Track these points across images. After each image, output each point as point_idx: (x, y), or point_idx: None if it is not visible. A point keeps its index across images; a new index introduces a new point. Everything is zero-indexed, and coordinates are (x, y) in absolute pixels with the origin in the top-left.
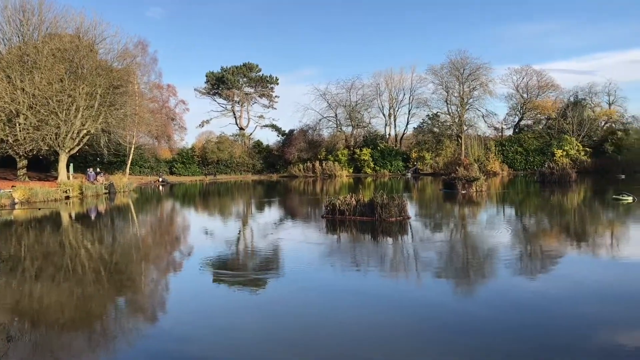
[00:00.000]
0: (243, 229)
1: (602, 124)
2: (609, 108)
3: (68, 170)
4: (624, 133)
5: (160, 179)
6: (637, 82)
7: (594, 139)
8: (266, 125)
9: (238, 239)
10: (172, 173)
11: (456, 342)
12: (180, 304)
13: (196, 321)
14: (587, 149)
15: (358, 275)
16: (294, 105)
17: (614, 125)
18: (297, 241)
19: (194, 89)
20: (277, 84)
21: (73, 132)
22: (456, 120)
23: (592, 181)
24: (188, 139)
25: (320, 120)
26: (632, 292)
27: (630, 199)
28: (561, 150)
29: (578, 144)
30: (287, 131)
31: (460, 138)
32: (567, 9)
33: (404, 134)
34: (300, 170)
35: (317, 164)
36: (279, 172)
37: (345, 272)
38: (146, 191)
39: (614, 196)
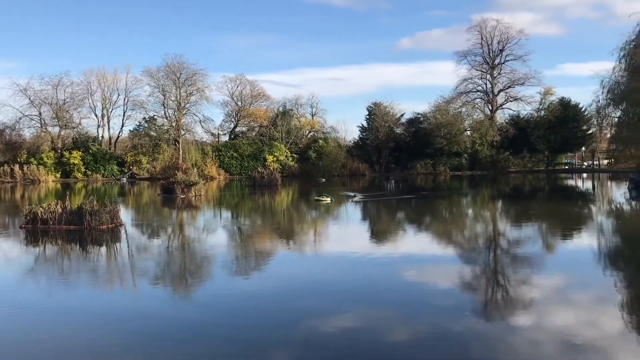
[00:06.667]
0: None
1: (307, 132)
2: (312, 119)
3: None
4: (324, 141)
5: None
6: (335, 96)
7: (300, 146)
8: None
9: None
10: None
11: (165, 351)
12: None
13: None
14: (294, 155)
15: (65, 290)
16: None
17: (316, 134)
18: None
19: None
20: None
21: None
22: (173, 124)
23: (298, 184)
24: None
25: (20, 118)
26: (336, 282)
27: (328, 199)
28: (272, 156)
29: (287, 150)
30: None
31: (178, 142)
32: (277, 27)
33: (119, 136)
34: None
35: (16, 167)
36: None
37: (50, 288)
38: None
39: (315, 197)
